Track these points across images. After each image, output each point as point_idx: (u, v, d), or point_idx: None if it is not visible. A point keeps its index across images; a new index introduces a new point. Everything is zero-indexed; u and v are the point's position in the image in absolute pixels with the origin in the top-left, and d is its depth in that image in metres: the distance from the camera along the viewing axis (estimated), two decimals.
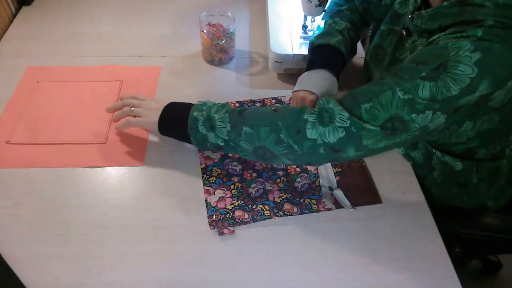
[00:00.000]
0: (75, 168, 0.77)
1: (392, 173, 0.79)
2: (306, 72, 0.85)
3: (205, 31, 0.95)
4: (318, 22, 0.97)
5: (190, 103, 0.74)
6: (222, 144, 0.70)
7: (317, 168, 0.78)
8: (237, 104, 0.90)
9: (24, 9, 1.15)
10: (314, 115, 0.63)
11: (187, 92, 0.93)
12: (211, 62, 1.01)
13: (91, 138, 0.82)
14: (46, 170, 0.76)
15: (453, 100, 0.57)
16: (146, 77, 0.96)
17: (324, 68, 0.83)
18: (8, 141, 0.81)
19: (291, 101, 0.86)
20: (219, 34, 0.95)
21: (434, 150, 0.77)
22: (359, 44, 1.00)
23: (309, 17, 0.96)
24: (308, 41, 0.93)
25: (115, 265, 0.64)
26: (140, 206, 0.72)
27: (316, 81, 0.81)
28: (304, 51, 0.93)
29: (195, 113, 0.71)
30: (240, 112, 0.69)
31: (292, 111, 0.66)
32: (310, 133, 0.63)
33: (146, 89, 0.93)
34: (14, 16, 1.13)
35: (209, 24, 0.97)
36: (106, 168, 0.77)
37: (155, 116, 0.74)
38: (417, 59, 0.60)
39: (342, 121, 0.61)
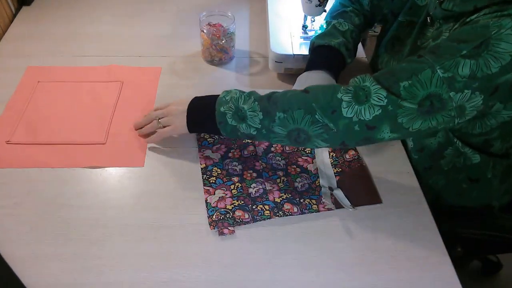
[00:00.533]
0: (75, 168, 0.77)
1: (392, 173, 0.79)
2: (305, 73, 0.85)
3: (205, 31, 0.95)
4: (318, 22, 0.97)
5: (213, 96, 0.73)
6: (254, 133, 0.69)
7: (317, 168, 0.78)
8: None
9: (24, 9, 1.15)
10: (349, 94, 0.62)
11: (187, 92, 0.92)
12: (211, 62, 1.01)
13: (91, 139, 0.82)
14: (46, 170, 0.76)
15: (493, 78, 0.58)
16: (146, 77, 0.96)
17: (323, 69, 0.83)
18: (8, 141, 0.81)
19: None
20: (219, 34, 0.95)
21: (455, 140, 0.77)
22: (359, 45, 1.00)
23: (309, 17, 0.96)
24: (308, 41, 0.93)
25: (115, 265, 0.64)
26: (140, 206, 0.72)
27: (315, 82, 0.81)
28: (304, 51, 0.93)
29: (221, 108, 0.70)
30: (269, 98, 0.68)
31: (325, 91, 0.65)
32: (346, 112, 0.62)
33: (146, 89, 0.93)
34: (14, 16, 1.13)
35: (209, 24, 0.97)
36: (106, 168, 0.77)
37: (182, 120, 0.75)
38: (457, 37, 0.60)
39: (380, 100, 0.61)
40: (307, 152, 0.81)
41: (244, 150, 0.81)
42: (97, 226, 0.69)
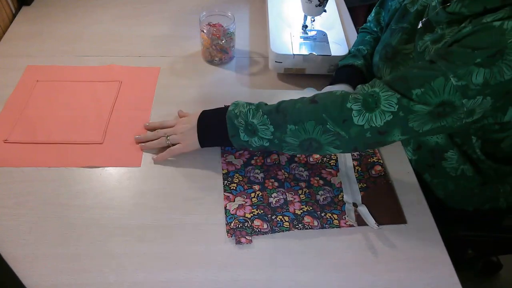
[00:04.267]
0: (75, 168, 0.77)
1: (392, 173, 0.79)
2: (328, 86, 0.88)
3: (205, 31, 0.95)
4: (318, 22, 0.98)
5: (221, 110, 0.74)
6: (267, 144, 0.70)
7: (340, 182, 0.76)
8: None
9: (24, 9, 1.15)
10: (359, 103, 0.63)
11: (187, 92, 0.93)
12: (211, 62, 1.01)
13: (89, 138, 0.82)
14: (46, 170, 0.76)
15: (505, 84, 0.58)
16: (145, 77, 0.96)
17: (346, 84, 0.86)
18: (6, 140, 0.81)
19: None
20: (219, 34, 0.95)
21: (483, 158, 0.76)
22: None
23: (309, 17, 0.96)
24: (308, 41, 0.94)
25: (115, 265, 0.64)
26: (140, 206, 0.72)
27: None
28: (304, 51, 0.93)
29: (233, 122, 0.71)
30: (278, 110, 0.69)
31: (334, 101, 0.65)
32: (357, 120, 0.63)
33: (145, 89, 0.93)
34: (14, 16, 1.13)
35: (209, 24, 0.97)
36: (106, 168, 0.77)
37: (193, 137, 0.75)
38: (472, 44, 0.60)
39: (390, 106, 0.61)
40: (332, 164, 0.79)
41: (268, 158, 0.79)
42: (97, 226, 0.69)
